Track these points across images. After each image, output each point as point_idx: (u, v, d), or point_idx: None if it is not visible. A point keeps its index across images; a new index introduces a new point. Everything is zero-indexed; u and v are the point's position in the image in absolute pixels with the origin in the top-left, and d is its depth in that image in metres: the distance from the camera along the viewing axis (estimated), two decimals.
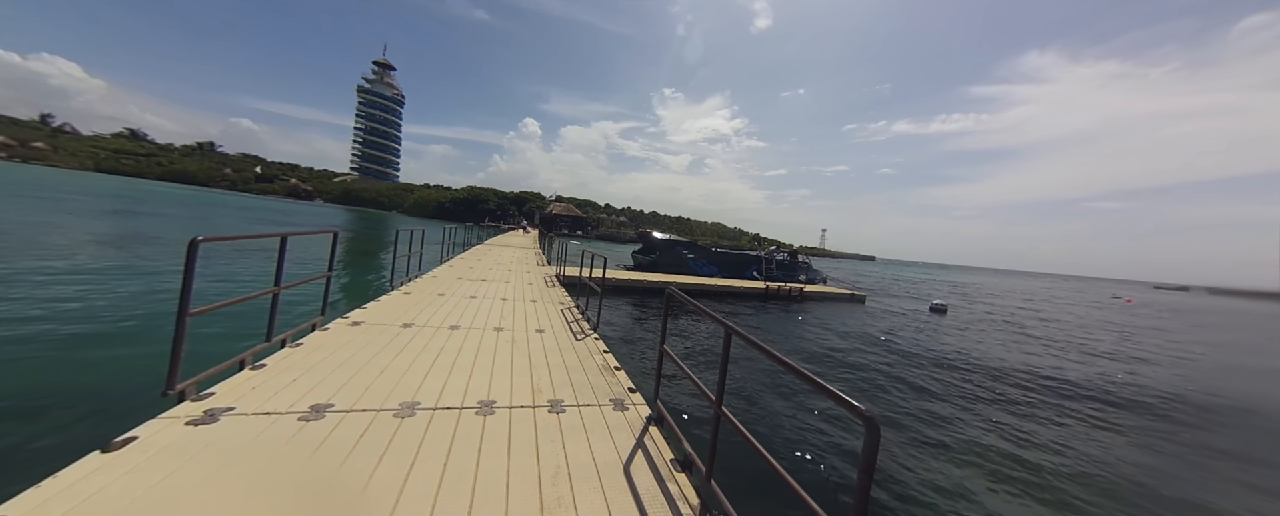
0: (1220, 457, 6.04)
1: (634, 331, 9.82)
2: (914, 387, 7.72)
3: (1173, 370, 11.91)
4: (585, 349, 4.42)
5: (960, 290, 38.26)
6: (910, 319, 17.09)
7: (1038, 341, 14.67)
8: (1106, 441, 6.17)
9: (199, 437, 2.23)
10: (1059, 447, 5.71)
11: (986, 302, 28.14)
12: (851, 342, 11.24)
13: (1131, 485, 4.91)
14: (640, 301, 14.07)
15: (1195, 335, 21.55)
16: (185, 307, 2.46)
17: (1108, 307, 34.78)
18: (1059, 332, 17.31)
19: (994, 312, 22.72)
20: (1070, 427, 6.58)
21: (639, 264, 22.60)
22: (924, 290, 32.68)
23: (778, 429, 5.26)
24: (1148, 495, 4.74)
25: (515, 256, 15.09)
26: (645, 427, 2.85)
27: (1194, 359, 14.32)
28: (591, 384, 3.49)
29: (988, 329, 16.58)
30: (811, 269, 24.58)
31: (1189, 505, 4.67)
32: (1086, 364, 11.53)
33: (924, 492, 4.24)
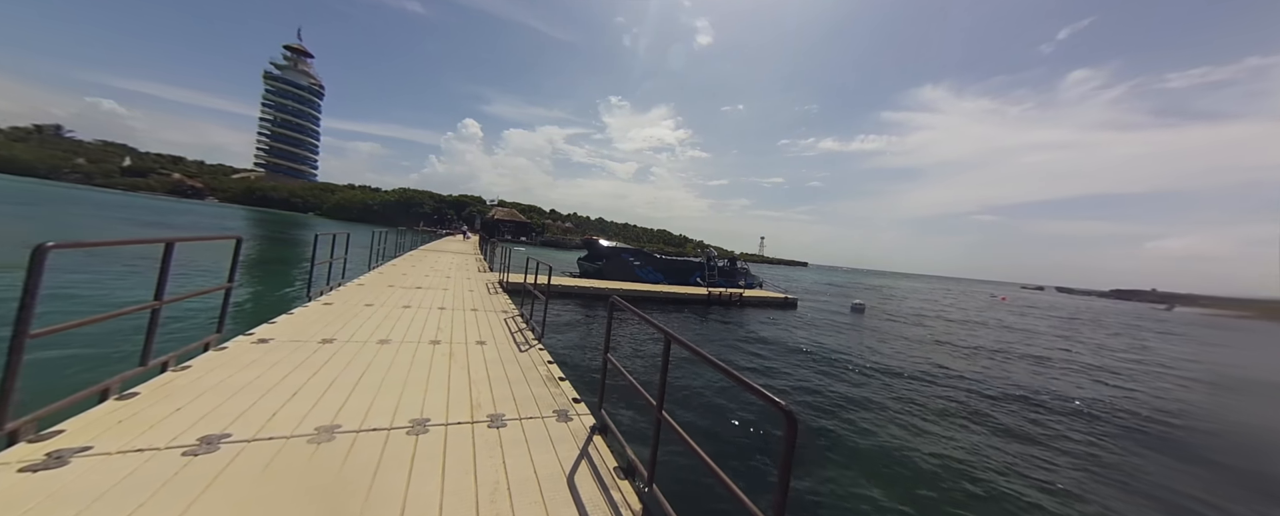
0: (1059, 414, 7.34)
1: (580, 339, 9.70)
2: (834, 375, 8.46)
3: (1032, 345, 14.27)
4: (529, 360, 4.30)
5: (877, 292, 42.56)
6: (834, 317, 18.70)
7: (936, 331, 16.76)
8: (977, 397, 7.22)
9: (39, 486, 1.84)
10: (948, 413, 6.58)
11: (897, 302, 31.62)
12: (784, 340, 12.04)
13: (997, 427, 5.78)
14: (587, 308, 13.93)
15: (1046, 323, 25.95)
16: (24, 328, 2.02)
17: (986, 304, 40.82)
18: (956, 324, 19.94)
19: (903, 310, 25.55)
20: (959, 398, 7.60)
21: (585, 271, 22.44)
22: (847, 292, 35.89)
23: (716, 428, 5.49)
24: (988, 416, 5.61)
25: (454, 262, 14.26)
26: (589, 437, 2.84)
27: (1040, 333, 17.27)
28: (535, 396, 3.41)
29: (897, 324, 18.59)
30: (750, 274, 25.95)
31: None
32: (978, 351, 13.42)
33: (841, 474, 4.65)
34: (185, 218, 37.16)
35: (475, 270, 12.87)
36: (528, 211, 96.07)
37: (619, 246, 24.16)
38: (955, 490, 4.68)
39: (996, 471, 5.24)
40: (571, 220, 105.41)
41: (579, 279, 19.10)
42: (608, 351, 3.18)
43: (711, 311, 16.89)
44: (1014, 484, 4.95)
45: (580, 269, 23.23)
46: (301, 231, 35.65)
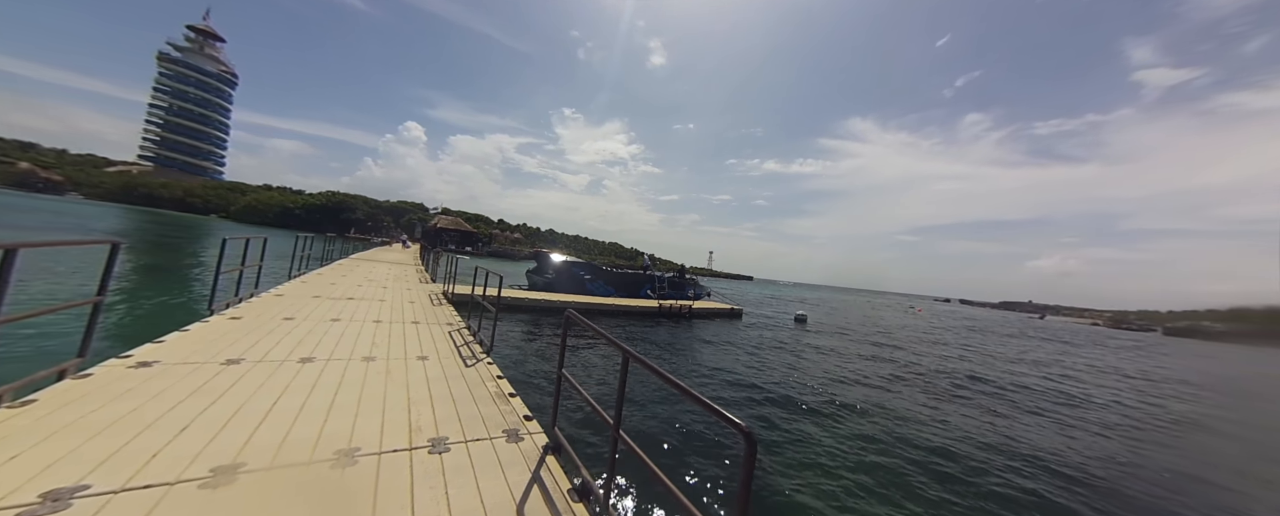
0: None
1: (530, 354, 9.32)
2: (780, 383, 8.85)
3: (938, 347, 15.99)
4: (476, 376, 4.04)
5: (816, 304, 45.54)
6: (778, 328, 19.69)
7: (867, 339, 18.21)
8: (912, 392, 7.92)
9: None
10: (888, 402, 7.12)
11: (834, 314, 34.04)
12: (733, 350, 12.43)
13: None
14: (536, 322, 13.47)
15: (952, 334, 29.34)
16: None
17: (906, 314, 45.54)
18: (882, 333, 21.81)
19: (839, 321, 27.54)
20: (903, 391, 8.28)
21: (534, 284, 21.78)
22: (789, 304, 38.02)
23: (674, 445, 5.48)
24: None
25: (392, 272, 13.18)
26: (542, 458, 2.70)
27: (947, 341, 19.45)
28: (483, 415, 3.19)
29: (835, 334, 19.96)
30: (698, 286, 26.69)
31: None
32: (901, 348, 14.75)
33: (789, 482, 4.83)
34: (34, 217, 30.98)
35: (416, 281, 11.98)
36: (474, 220, 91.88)
37: (570, 260, 23.78)
38: (885, 480, 5.03)
39: (916, 458, 5.73)
40: (521, 231, 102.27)
41: (530, 292, 18.49)
42: (562, 367, 3.07)
43: (662, 323, 17.06)
44: (930, 458, 5.43)
45: (529, 282, 22.53)
46: (202, 236, 31.18)
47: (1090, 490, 5.72)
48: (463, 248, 68.25)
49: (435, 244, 44.10)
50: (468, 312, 6.48)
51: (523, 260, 49.83)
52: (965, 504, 4.88)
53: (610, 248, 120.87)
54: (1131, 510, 5.35)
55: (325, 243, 14.61)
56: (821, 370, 11.12)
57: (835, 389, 9.32)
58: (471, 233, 79.39)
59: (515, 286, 21.45)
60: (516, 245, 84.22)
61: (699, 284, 27.27)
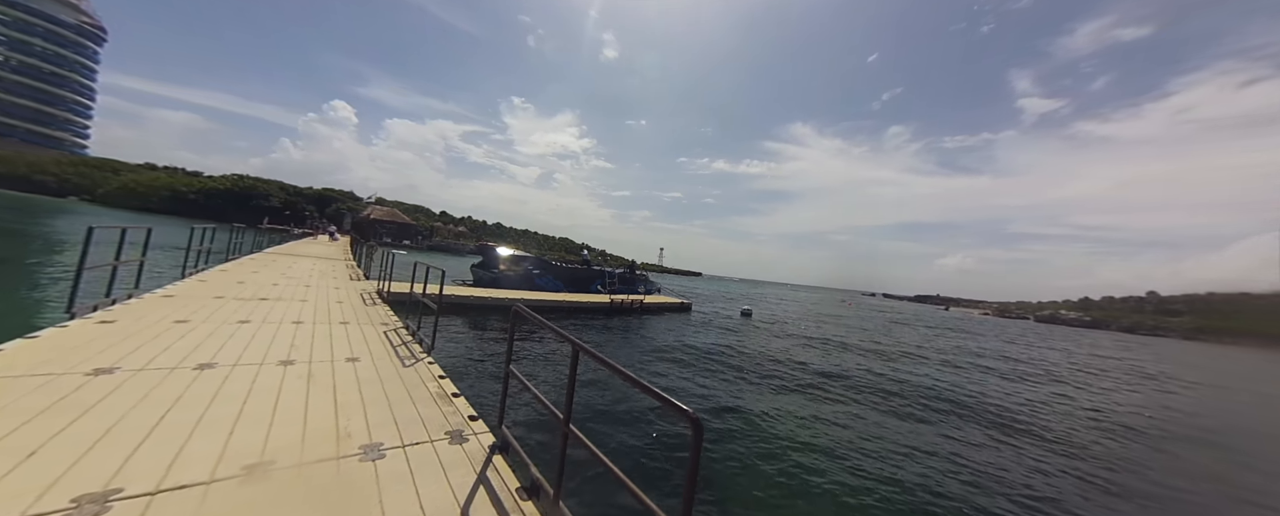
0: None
1: (476, 352, 8.91)
2: (729, 367, 9.27)
3: (862, 334, 17.67)
4: (415, 377, 3.79)
5: (761, 299, 48.06)
6: (726, 321, 20.53)
7: (806, 330, 19.58)
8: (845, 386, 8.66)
9: None
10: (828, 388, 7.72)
11: (777, 308, 36.14)
12: (683, 343, 12.78)
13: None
14: (481, 320, 12.91)
15: (875, 323, 32.52)
16: None
17: (834, 307, 49.61)
18: (817, 324, 23.56)
19: (781, 314, 29.31)
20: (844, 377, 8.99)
21: (479, 279, 20.82)
22: (736, 299, 39.77)
23: (627, 437, 5.53)
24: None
25: (316, 268, 11.93)
26: (489, 459, 2.61)
27: (868, 328, 21.57)
28: (422, 417, 3.01)
29: (778, 326, 21.22)
30: (649, 281, 27.03)
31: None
32: (836, 339, 16.04)
33: (736, 467, 5.09)
34: None
35: (345, 277, 10.96)
36: (414, 211, 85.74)
37: (518, 254, 23.01)
38: (826, 467, 5.47)
39: (847, 439, 6.28)
40: (465, 224, 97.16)
41: (475, 288, 17.62)
42: (510, 363, 2.98)
43: (614, 318, 17.10)
44: (850, 437, 5.99)
45: (474, 277, 21.51)
46: (57, 223, 26.12)
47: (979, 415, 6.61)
48: (400, 241, 63.45)
49: (368, 236, 40.55)
50: (406, 312, 6.03)
51: (468, 255, 47.37)
52: (896, 475, 5.42)
53: (561, 243, 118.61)
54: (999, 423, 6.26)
55: (232, 234, 12.83)
56: (766, 361, 11.75)
57: (779, 379, 9.91)
58: (410, 225, 73.96)
59: (459, 282, 20.38)
60: (461, 239, 79.84)
61: (649, 280, 27.63)
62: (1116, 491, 5.86)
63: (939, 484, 5.31)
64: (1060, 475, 6.17)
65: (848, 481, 5.04)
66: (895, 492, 4.93)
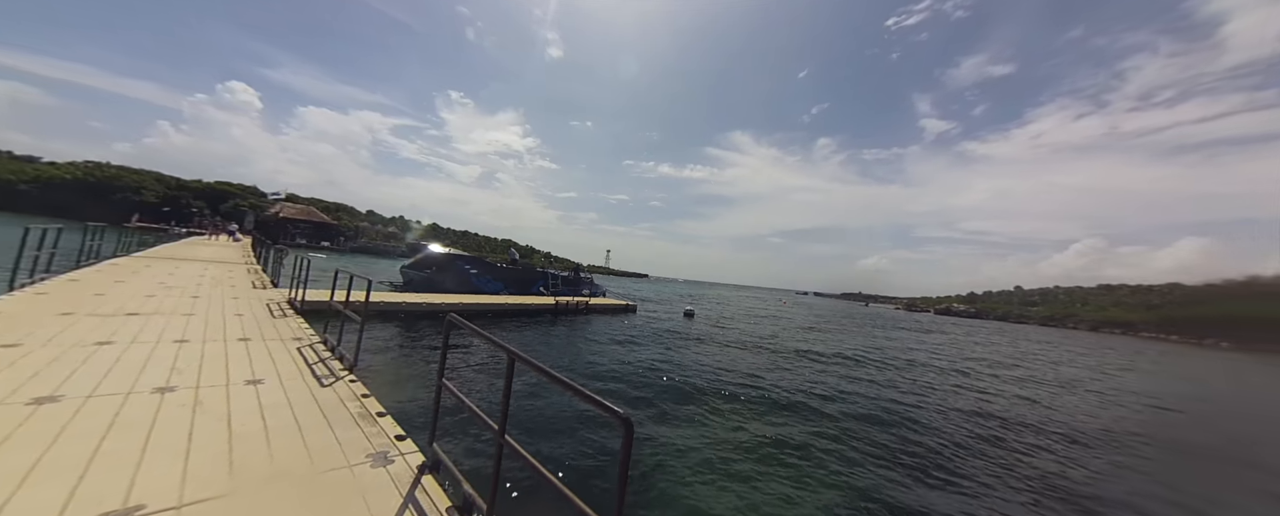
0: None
1: (408, 364, 8.33)
2: (668, 366, 9.55)
3: (800, 327, 19.16)
4: (334, 397, 3.50)
5: (703, 299, 49.84)
6: (669, 322, 21.07)
7: (745, 331, 20.70)
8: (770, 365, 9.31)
9: None
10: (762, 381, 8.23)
11: (719, 308, 37.72)
12: (627, 343, 12.94)
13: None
14: (414, 327, 12.07)
15: (805, 319, 35.33)
16: None
17: (771, 306, 53.08)
18: (755, 323, 24.99)
19: (722, 314, 30.65)
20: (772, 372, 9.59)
21: (411, 281, 19.44)
22: (680, 300, 40.90)
23: (565, 443, 5.49)
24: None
25: (208, 275, 10.41)
26: (417, 479, 2.50)
27: (811, 322, 23.45)
28: (340, 442, 2.80)
29: (719, 326, 22.17)
30: (594, 283, 26.97)
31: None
32: (770, 335, 17.13)
33: (675, 464, 5.29)
34: None
35: (247, 286, 9.69)
36: (334, 210, 77.54)
37: (454, 253, 21.78)
38: (764, 454, 5.85)
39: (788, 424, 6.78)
40: (397, 224, 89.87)
41: (405, 293, 16.37)
42: (443, 377, 2.87)
43: (559, 320, 16.84)
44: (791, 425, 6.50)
45: (404, 278, 20.02)
46: None
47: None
48: (317, 242, 57.07)
49: (278, 237, 35.91)
50: (324, 323, 5.49)
51: (397, 258, 43.74)
52: (832, 474, 5.93)
53: (504, 245, 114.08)
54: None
55: (87, 235, 10.65)
56: (706, 360, 12.24)
57: (717, 377, 10.37)
58: (329, 225, 66.78)
59: (388, 284, 18.84)
60: (391, 240, 73.61)
61: (594, 282, 27.55)
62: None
63: (862, 462, 5.91)
64: (970, 430, 7.16)
65: (779, 472, 5.44)
66: (822, 475, 5.42)
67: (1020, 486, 5.86)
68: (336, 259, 38.84)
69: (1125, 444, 8.41)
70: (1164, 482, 6.60)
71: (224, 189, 66.11)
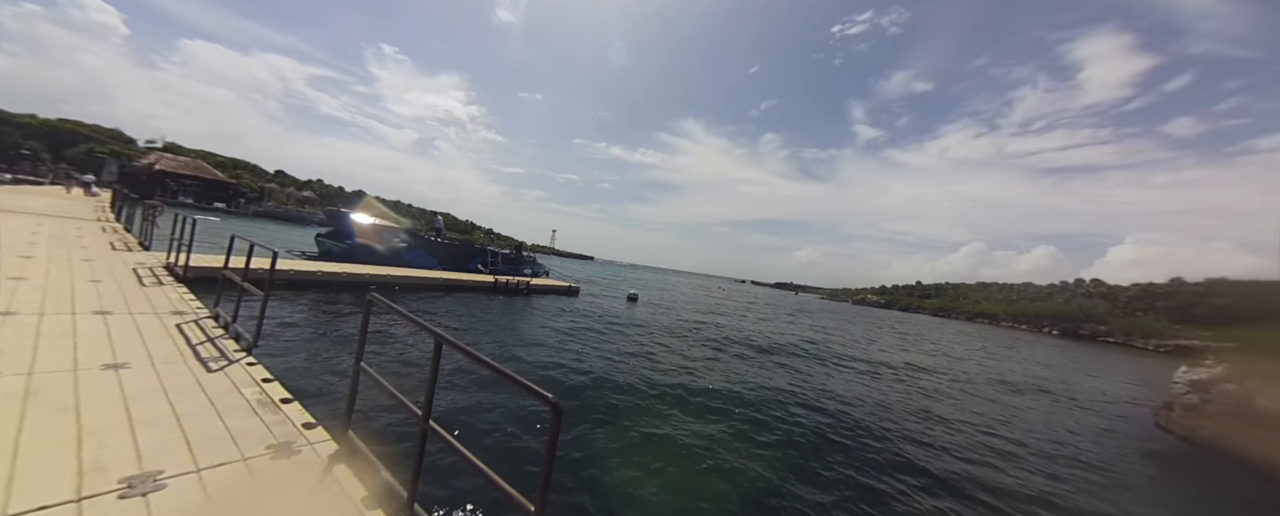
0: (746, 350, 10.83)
1: (322, 343, 7.55)
2: (607, 349, 9.69)
3: (731, 313, 20.38)
4: (225, 383, 3.07)
5: (647, 284, 50.77)
6: (612, 305, 21.24)
7: (686, 316, 21.47)
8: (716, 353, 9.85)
9: None
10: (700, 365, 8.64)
11: (662, 293, 38.67)
12: (567, 325, 12.85)
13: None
14: (332, 300, 10.96)
15: (738, 305, 37.60)
16: None
17: (711, 292, 55.72)
18: (693, 309, 26.03)
19: (666, 299, 31.48)
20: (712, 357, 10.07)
21: (329, 251, 17.54)
22: (624, 284, 41.29)
23: (498, 427, 5.36)
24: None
25: (45, 231, 8.51)
26: (329, 469, 2.30)
27: (744, 305, 24.98)
28: (232, 433, 2.48)
29: (661, 310, 22.77)
30: (537, 263, 26.27)
31: None
32: (709, 321, 17.97)
33: (610, 451, 5.41)
34: None
35: (104, 246, 8.08)
36: (233, 168, 66.87)
37: (382, 223, 19.91)
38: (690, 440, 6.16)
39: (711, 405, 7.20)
40: (315, 188, 79.84)
41: (321, 263, 14.70)
42: (361, 359, 2.64)
43: (497, 300, 16.24)
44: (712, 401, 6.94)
45: (322, 248, 18.01)
46: None
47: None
48: (208, 202, 49.05)
49: (152, 193, 30.16)
50: (216, 297, 4.75)
51: (316, 226, 39.12)
52: (760, 449, 6.36)
53: (442, 219, 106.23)
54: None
55: None
56: (646, 345, 12.53)
57: (654, 362, 10.68)
58: (225, 183, 57.53)
59: (300, 255, 16.82)
60: (307, 206, 65.34)
61: (537, 262, 26.83)
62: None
63: (790, 437, 6.45)
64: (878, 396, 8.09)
65: (704, 455, 5.54)
66: (742, 458, 5.84)
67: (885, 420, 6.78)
68: (236, 224, 33.79)
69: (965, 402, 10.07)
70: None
71: (70, 129, 53.59)
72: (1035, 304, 72.37)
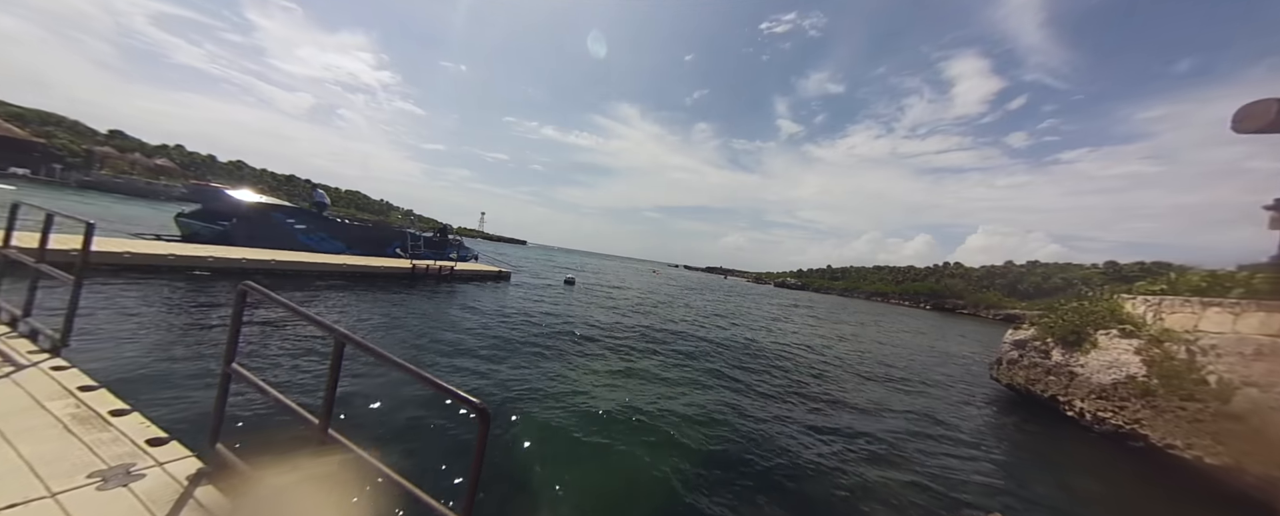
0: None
1: (177, 341, 6.20)
2: (543, 338, 9.34)
3: (661, 293, 21.02)
4: (19, 396, 2.29)
5: (583, 268, 50.09)
6: (548, 290, 20.60)
7: (624, 299, 21.57)
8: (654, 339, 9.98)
9: None
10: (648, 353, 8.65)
11: (599, 277, 38.43)
12: (498, 313, 12.15)
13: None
14: (203, 290, 9.11)
15: (673, 288, 38.98)
16: None
17: (646, 276, 56.85)
18: (632, 292, 26.28)
19: (603, 282, 31.35)
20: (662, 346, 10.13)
21: (196, 235, 14.56)
22: (561, 269, 40.31)
23: (414, 435, 4.76)
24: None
25: None
26: (187, 494, 1.82)
27: (673, 292, 25.86)
28: (31, 462, 1.85)
29: (600, 294, 22.61)
30: (463, 247, 24.47)
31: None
32: (647, 304, 18.24)
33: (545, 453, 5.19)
34: None
35: None
36: (41, 122, 52.04)
37: (270, 202, 16.95)
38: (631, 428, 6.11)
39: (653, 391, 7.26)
40: (173, 156, 65.32)
41: (182, 245, 12.10)
42: (233, 360, 2.12)
43: (417, 288, 14.82)
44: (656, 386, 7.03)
45: (186, 231, 14.87)
46: None
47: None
48: (1, 167, 37.83)
49: None
50: (7, 280, 3.53)
51: (175, 202, 32.03)
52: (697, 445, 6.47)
53: (349, 197, 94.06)
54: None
55: None
56: (583, 330, 12.27)
57: (594, 346, 10.53)
58: (28, 143, 44.59)
59: (152, 237, 13.69)
60: (162, 177, 53.25)
61: (464, 245, 25.00)
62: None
63: (729, 423, 6.69)
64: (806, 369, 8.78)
65: (646, 455, 5.06)
66: (686, 457, 5.95)
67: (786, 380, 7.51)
68: (51, 197, 26.62)
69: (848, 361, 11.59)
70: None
71: None
72: (915, 284, 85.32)
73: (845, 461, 5.54)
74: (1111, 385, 7.42)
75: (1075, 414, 7.94)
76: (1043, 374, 9.01)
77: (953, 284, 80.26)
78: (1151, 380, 6.86)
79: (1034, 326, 10.17)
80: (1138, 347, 7.45)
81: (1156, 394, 6.71)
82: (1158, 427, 6.51)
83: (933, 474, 5.48)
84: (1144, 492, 6.03)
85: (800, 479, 4.92)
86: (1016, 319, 14.85)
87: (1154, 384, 6.80)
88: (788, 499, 4.51)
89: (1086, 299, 10.17)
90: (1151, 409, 6.70)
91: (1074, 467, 6.51)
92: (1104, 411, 7.37)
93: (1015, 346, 10.13)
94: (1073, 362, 8.42)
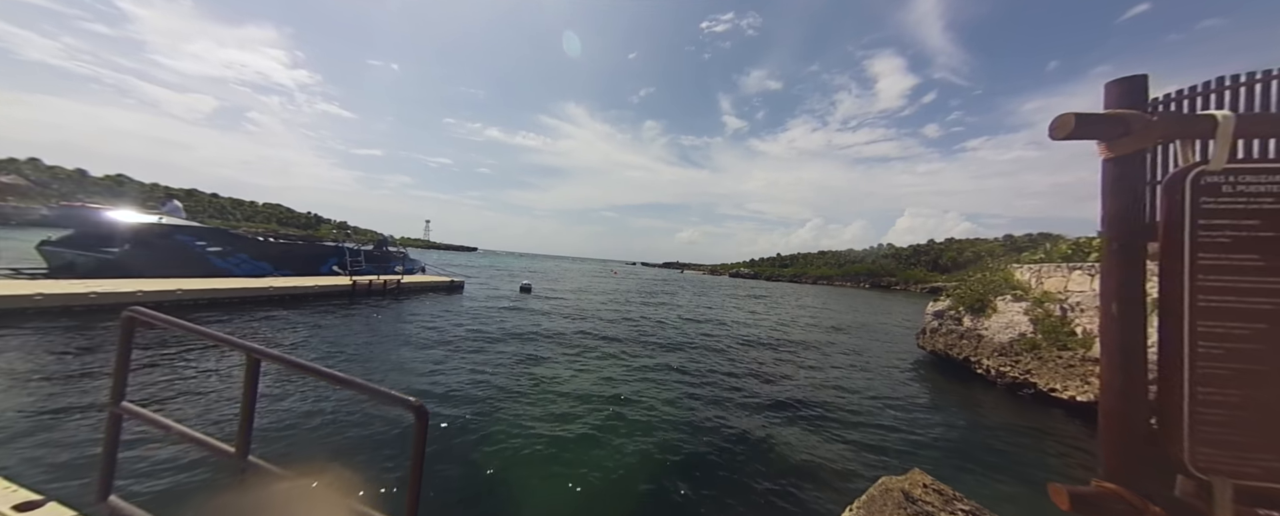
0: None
1: (68, 392, 5.39)
2: (502, 347, 9.11)
3: (624, 291, 21.19)
4: None
5: (539, 273, 48.91)
6: (503, 298, 19.96)
7: (584, 303, 21.38)
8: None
9: None
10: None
11: (556, 281, 37.70)
12: (449, 325, 11.67)
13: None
14: (82, 330, 7.93)
15: (633, 284, 39.31)
16: None
17: (605, 277, 56.71)
18: (591, 294, 26.11)
19: (561, 287, 30.81)
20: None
21: (68, 265, 12.59)
22: (516, 275, 39.08)
23: (352, 449, 4.55)
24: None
25: None
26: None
27: (632, 293, 26.11)
28: None
29: (557, 299, 22.22)
30: (408, 258, 23.15)
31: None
32: (609, 304, 18.22)
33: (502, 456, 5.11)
34: None
35: None
36: None
37: (174, 223, 14.98)
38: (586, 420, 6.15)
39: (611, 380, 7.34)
40: (20, 169, 55.31)
41: (52, 282, 10.44)
42: (122, 399, 1.92)
43: (358, 306, 13.83)
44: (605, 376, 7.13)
45: (55, 262, 12.80)
46: None
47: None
48: None
49: None
50: None
51: (37, 228, 27.14)
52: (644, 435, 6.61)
53: (268, 211, 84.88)
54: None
55: None
56: (542, 337, 12.08)
57: (552, 351, 10.40)
58: None
59: (7, 272, 11.63)
60: (9, 197, 44.83)
61: (409, 257, 23.62)
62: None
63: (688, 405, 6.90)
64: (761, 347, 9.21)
65: (600, 456, 5.20)
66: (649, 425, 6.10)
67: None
68: None
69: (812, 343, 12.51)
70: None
71: None
72: (855, 265, 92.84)
73: (794, 433, 5.97)
74: (1008, 343, 8.57)
75: (983, 371, 9.06)
76: (957, 339, 10.17)
77: (886, 263, 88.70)
78: (1037, 336, 8.01)
79: (949, 297, 11.45)
80: (1026, 309, 8.65)
81: (1041, 347, 7.85)
82: (1043, 376, 7.63)
83: (861, 436, 6.06)
84: (1030, 427, 7.04)
85: (753, 455, 5.23)
86: (939, 291, 16.65)
87: (1039, 339, 7.95)
88: (740, 473, 4.78)
89: (988, 270, 11.61)
90: (1038, 360, 7.83)
91: (981, 417, 7.47)
92: (1004, 366, 8.49)
93: (935, 316, 11.35)
94: (980, 327, 9.60)
